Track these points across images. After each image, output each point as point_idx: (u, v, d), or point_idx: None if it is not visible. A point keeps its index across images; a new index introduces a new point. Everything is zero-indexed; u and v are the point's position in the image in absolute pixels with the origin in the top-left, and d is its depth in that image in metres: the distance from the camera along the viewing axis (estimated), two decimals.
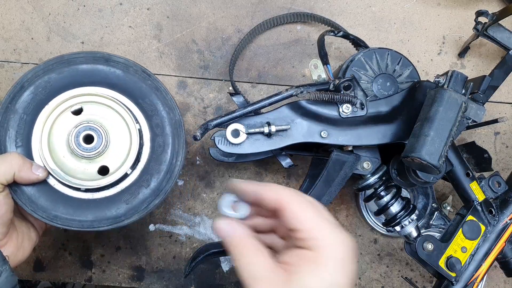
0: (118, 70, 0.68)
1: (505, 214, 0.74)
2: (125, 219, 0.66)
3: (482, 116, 0.72)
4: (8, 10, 0.92)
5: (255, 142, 0.72)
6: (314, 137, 0.73)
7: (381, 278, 0.93)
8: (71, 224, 0.65)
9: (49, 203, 0.65)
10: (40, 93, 0.66)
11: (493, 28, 0.83)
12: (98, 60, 0.68)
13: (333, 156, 0.74)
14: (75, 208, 0.66)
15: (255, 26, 0.90)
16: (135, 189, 0.67)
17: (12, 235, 0.65)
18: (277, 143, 0.73)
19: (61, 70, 0.67)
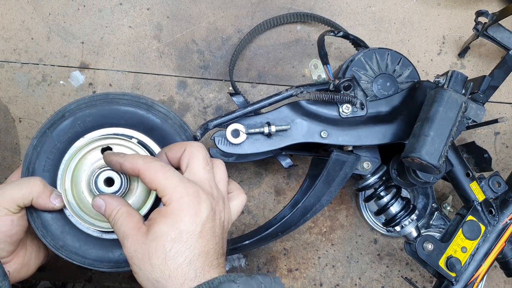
0: (157, 119, 0.69)
1: (505, 214, 0.74)
2: (125, 266, 0.67)
3: (482, 116, 0.72)
4: (8, 10, 0.92)
5: (255, 142, 0.72)
6: (314, 137, 0.73)
7: (381, 278, 0.93)
8: (74, 258, 0.67)
9: (59, 232, 0.67)
10: (78, 125, 0.68)
11: (493, 28, 0.83)
12: (141, 106, 0.69)
13: (333, 156, 0.74)
14: (81, 243, 0.67)
15: (255, 26, 0.90)
16: None
17: (19, 252, 0.66)
18: (277, 143, 0.73)
19: (103, 108, 0.68)
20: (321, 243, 0.93)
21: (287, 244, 0.92)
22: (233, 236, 0.91)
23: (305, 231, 0.93)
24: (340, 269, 0.93)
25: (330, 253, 0.93)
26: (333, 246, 0.93)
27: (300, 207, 0.74)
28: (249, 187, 0.92)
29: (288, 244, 0.92)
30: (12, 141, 0.91)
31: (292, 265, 0.92)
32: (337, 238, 0.93)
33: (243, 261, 0.92)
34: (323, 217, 0.93)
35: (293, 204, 0.78)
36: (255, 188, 0.92)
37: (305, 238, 0.93)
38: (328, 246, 0.93)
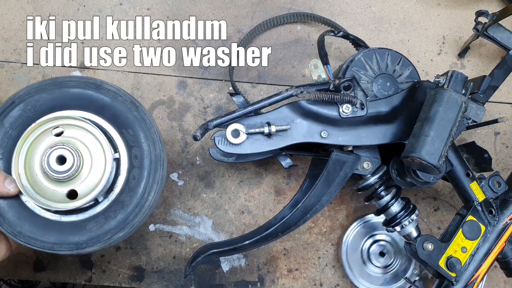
0: (107, 97, 0.69)
1: (505, 214, 0.74)
2: (86, 246, 0.66)
3: (482, 116, 0.72)
4: (8, 10, 0.92)
5: (255, 142, 0.72)
6: (314, 137, 0.73)
7: None
8: (33, 243, 0.66)
9: (16, 219, 0.66)
10: (29, 111, 0.67)
11: (493, 28, 0.83)
12: (89, 86, 0.69)
13: (333, 156, 0.74)
14: (39, 228, 0.66)
15: (255, 26, 0.90)
16: (101, 218, 0.67)
17: None
18: (277, 143, 0.73)
19: (52, 91, 0.68)
20: (321, 243, 0.93)
21: (287, 244, 0.92)
22: (233, 236, 0.91)
23: (305, 231, 0.93)
24: (340, 269, 0.92)
25: (330, 253, 0.93)
26: (333, 246, 0.93)
27: (300, 207, 0.74)
28: (249, 187, 0.92)
29: (288, 244, 0.92)
30: None
31: (292, 265, 0.92)
32: (337, 238, 0.93)
33: (243, 261, 0.92)
34: (323, 217, 0.93)
35: (293, 204, 0.78)
36: (255, 188, 0.92)
37: (305, 238, 0.92)
38: (328, 246, 0.93)
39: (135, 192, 0.67)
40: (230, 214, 0.92)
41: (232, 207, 0.92)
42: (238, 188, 0.92)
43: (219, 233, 0.92)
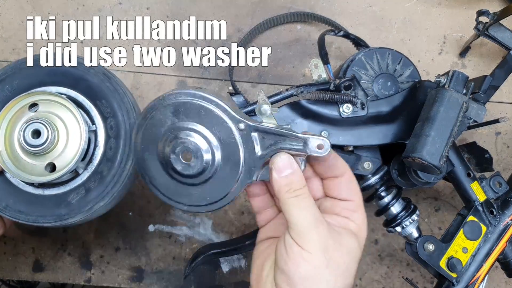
0: (79, 71, 0.70)
1: (506, 215, 0.74)
2: (68, 218, 0.67)
3: (483, 116, 0.71)
4: (8, 10, 0.91)
5: None
6: None
7: (381, 279, 0.93)
8: (19, 217, 0.67)
9: (2, 194, 0.68)
10: (7, 90, 0.69)
11: (494, 27, 0.82)
12: None
13: None
14: (24, 202, 0.68)
15: (255, 26, 0.90)
16: (82, 189, 0.68)
17: None
18: None
19: (28, 70, 0.70)
20: None
21: None
22: (233, 237, 0.90)
23: None
24: None
25: None
26: None
27: None
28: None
29: None
30: None
31: None
32: None
33: (243, 261, 0.91)
34: None
35: None
36: None
37: None
38: None
39: (113, 162, 0.68)
40: (230, 215, 0.92)
41: (232, 207, 0.92)
42: None
43: (219, 233, 0.91)
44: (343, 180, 0.56)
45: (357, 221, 0.55)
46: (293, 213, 0.52)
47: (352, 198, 0.56)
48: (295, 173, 0.53)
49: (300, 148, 0.54)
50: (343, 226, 0.54)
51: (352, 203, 0.55)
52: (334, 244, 0.51)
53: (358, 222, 0.55)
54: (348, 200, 0.56)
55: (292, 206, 0.52)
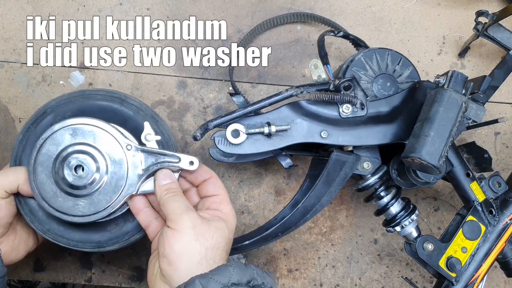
0: (130, 111, 0.74)
1: (505, 215, 0.74)
2: (106, 246, 0.73)
3: (482, 116, 0.71)
4: (8, 10, 0.92)
5: (255, 142, 0.72)
6: (314, 137, 0.73)
7: (381, 278, 0.93)
8: (60, 240, 0.72)
9: (46, 218, 0.72)
10: (59, 120, 0.72)
11: (493, 28, 0.83)
12: (114, 100, 0.74)
13: (333, 156, 0.74)
14: (66, 227, 0.72)
15: (255, 26, 0.90)
16: (121, 221, 0.74)
17: (9, 236, 0.71)
18: (277, 143, 0.73)
19: (81, 103, 0.74)
20: (321, 243, 0.93)
21: (287, 244, 0.92)
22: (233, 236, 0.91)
23: (305, 231, 0.93)
24: (340, 270, 0.92)
25: (330, 253, 0.93)
26: (333, 246, 0.93)
27: (300, 207, 0.74)
28: (249, 187, 0.92)
29: (288, 244, 0.92)
30: (12, 141, 0.91)
31: (292, 265, 0.92)
32: (337, 238, 0.93)
33: (243, 261, 0.92)
34: (323, 217, 0.93)
35: (293, 204, 0.78)
36: (255, 188, 0.92)
37: (305, 238, 0.92)
38: (328, 246, 0.93)
39: None
40: None
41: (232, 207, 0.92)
42: (238, 188, 0.92)
43: None
44: (210, 181, 0.71)
45: (224, 210, 0.69)
46: (169, 206, 0.65)
47: (218, 192, 0.71)
48: (173, 182, 0.69)
49: (176, 163, 0.70)
50: (212, 215, 0.67)
51: (219, 197, 0.70)
52: (203, 223, 0.63)
53: (225, 211, 0.69)
54: (216, 195, 0.70)
55: (169, 201, 0.66)
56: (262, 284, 0.60)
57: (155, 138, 0.72)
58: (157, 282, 0.63)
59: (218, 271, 0.58)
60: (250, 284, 0.59)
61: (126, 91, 0.91)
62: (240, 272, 0.59)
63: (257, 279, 0.60)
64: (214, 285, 0.56)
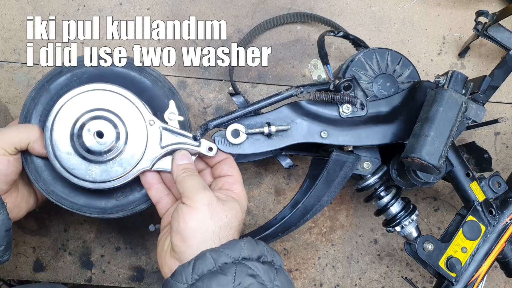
0: (148, 80, 0.73)
1: (505, 215, 0.74)
2: (110, 213, 0.72)
3: (482, 116, 0.71)
4: (8, 10, 0.92)
5: (255, 142, 0.72)
6: (314, 137, 0.73)
7: (381, 278, 0.93)
8: (64, 203, 0.70)
9: (51, 178, 0.70)
10: (75, 81, 0.71)
11: (493, 28, 0.83)
12: (133, 67, 0.73)
13: (333, 156, 0.74)
14: (71, 190, 0.71)
15: (255, 26, 0.90)
16: (128, 190, 0.72)
17: (12, 193, 0.70)
18: (277, 143, 0.73)
19: (99, 67, 0.72)
20: (321, 243, 0.93)
21: (287, 244, 0.92)
22: None
23: (305, 231, 0.93)
24: (340, 270, 0.92)
25: (330, 253, 0.93)
26: (333, 247, 0.93)
27: (300, 207, 0.74)
28: (249, 187, 0.92)
29: (288, 244, 0.92)
30: None
31: (292, 265, 0.92)
32: (337, 238, 0.93)
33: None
34: (323, 217, 0.93)
35: (293, 205, 0.78)
36: (255, 188, 0.92)
37: (305, 238, 0.92)
38: (328, 247, 0.93)
39: None
40: None
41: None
42: None
43: None
44: (226, 161, 0.71)
45: (236, 191, 0.69)
46: (185, 183, 0.65)
47: (231, 173, 0.70)
48: (190, 163, 0.69)
49: (195, 147, 0.70)
50: (226, 195, 0.68)
51: (232, 177, 0.70)
52: (218, 202, 0.64)
53: (237, 191, 0.69)
54: (229, 175, 0.70)
55: (186, 179, 0.66)
56: (272, 262, 0.61)
57: (178, 118, 0.70)
58: (167, 259, 0.64)
59: (229, 245, 0.59)
60: (260, 260, 0.60)
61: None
62: (250, 247, 0.60)
63: (267, 256, 0.61)
64: (224, 259, 0.58)
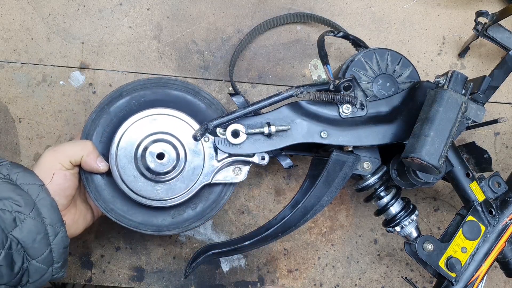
0: (203, 104, 0.76)
1: (505, 215, 0.74)
2: (166, 230, 0.75)
3: (482, 117, 0.71)
4: (8, 10, 0.92)
5: (255, 143, 0.72)
6: (314, 137, 0.73)
7: (381, 278, 0.93)
8: (122, 220, 0.74)
9: (110, 197, 0.74)
10: (133, 104, 0.75)
11: (493, 28, 0.83)
12: (189, 91, 0.76)
13: (333, 157, 0.74)
14: (129, 207, 0.75)
15: (255, 27, 0.90)
16: (183, 208, 0.76)
17: (71, 210, 0.72)
18: (277, 143, 0.73)
19: (156, 90, 0.76)
20: (321, 244, 0.93)
21: (287, 244, 0.92)
22: (233, 237, 0.91)
23: (305, 231, 0.93)
24: (340, 270, 0.93)
25: (330, 254, 0.93)
26: (333, 247, 0.93)
27: (300, 208, 0.74)
28: (249, 187, 0.92)
29: (288, 244, 0.92)
30: (12, 141, 0.91)
31: (292, 265, 0.92)
32: (337, 239, 0.93)
33: (243, 261, 0.92)
34: (323, 217, 0.93)
35: (293, 205, 0.78)
36: (255, 188, 0.92)
37: (305, 238, 0.93)
38: (328, 247, 0.93)
39: (214, 190, 0.77)
40: (230, 215, 0.92)
41: (232, 207, 0.92)
42: (238, 188, 0.92)
43: (219, 233, 0.92)
44: None
45: None
46: None
47: None
48: None
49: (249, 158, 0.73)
50: None
51: None
52: None
53: None
54: None
55: None
56: None
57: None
58: None
59: None
60: None
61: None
62: None
63: None
64: None
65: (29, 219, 0.63)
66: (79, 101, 0.91)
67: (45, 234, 0.64)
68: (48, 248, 0.65)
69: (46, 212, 0.65)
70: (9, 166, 0.67)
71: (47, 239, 0.65)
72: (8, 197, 0.63)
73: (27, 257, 0.64)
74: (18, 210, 0.63)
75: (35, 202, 0.65)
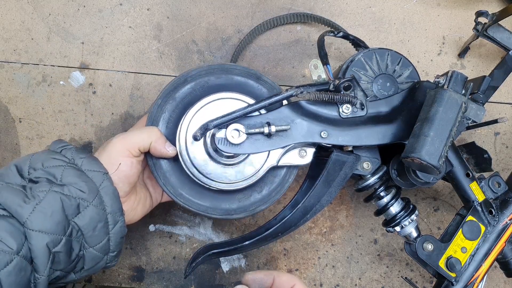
0: (265, 88, 0.76)
1: (505, 215, 0.75)
2: (234, 214, 0.76)
3: (482, 117, 0.71)
4: (8, 10, 0.92)
5: (255, 142, 0.72)
6: (314, 137, 0.73)
7: (381, 278, 0.93)
8: (191, 205, 0.74)
9: (178, 182, 0.74)
10: (198, 89, 0.75)
11: (493, 28, 0.83)
12: (251, 76, 0.76)
13: (333, 156, 0.74)
14: (196, 192, 0.75)
15: (255, 27, 0.91)
16: (249, 191, 0.76)
17: (131, 196, 0.72)
18: (277, 143, 0.73)
19: (219, 75, 0.76)
20: (321, 244, 0.93)
21: (287, 244, 0.92)
22: (233, 237, 0.91)
23: (305, 231, 0.93)
24: (340, 270, 0.93)
25: (330, 254, 0.93)
26: (333, 247, 0.93)
27: (300, 208, 0.74)
28: None
29: (288, 244, 0.92)
30: (12, 142, 0.91)
31: (292, 265, 0.92)
32: (337, 239, 0.93)
33: (243, 261, 0.92)
34: (323, 217, 0.93)
35: (293, 205, 0.78)
36: None
37: (305, 238, 0.93)
38: (328, 247, 0.93)
39: (279, 173, 0.77)
40: None
41: None
42: None
43: (219, 233, 0.92)
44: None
45: None
46: None
47: None
48: None
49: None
50: None
51: None
52: None
53: None
54: None
55: None
56: None
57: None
58: None
59: None
60: None
61: (126, 91, 0.91)
62: None
63: None
64: None
65: (92, 207, 0.63)
66: (79, 101, 0.91)
67: (105, 223, 0.64)
68: (107, 237, 0.65)
69: (108, 200, 0.65)
70: (74, 151, 0.66)
71: (106, 227, 0.65)
72: (74, 182, 0.63)
73: (85, 245, 0.63)
74: (82, 197, 0.62)
75: (98, 190, 0.64)
